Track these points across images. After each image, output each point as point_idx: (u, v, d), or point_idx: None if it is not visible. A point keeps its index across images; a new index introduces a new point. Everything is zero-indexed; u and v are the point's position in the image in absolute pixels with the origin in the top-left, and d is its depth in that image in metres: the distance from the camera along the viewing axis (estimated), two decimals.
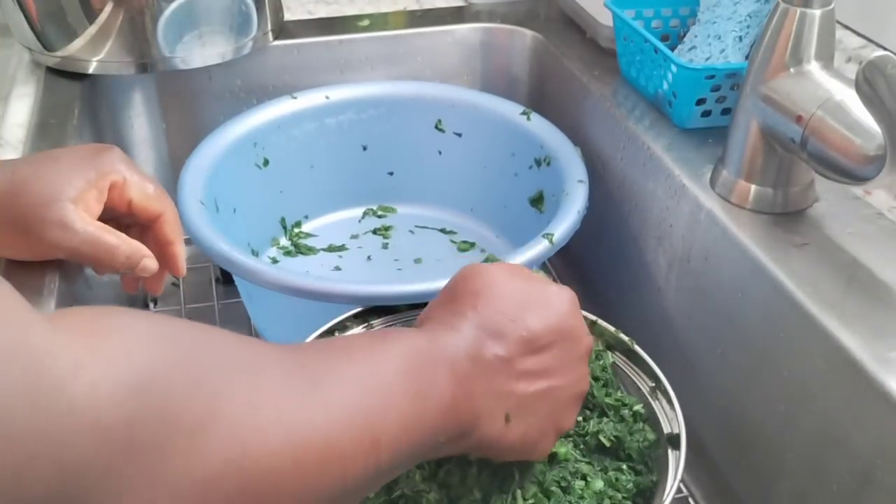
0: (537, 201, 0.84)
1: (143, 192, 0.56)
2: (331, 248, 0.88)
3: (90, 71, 0.82)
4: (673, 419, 0.54)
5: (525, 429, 0.45)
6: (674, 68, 0.71)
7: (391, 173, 0.92)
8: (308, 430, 0.34)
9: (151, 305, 0.87)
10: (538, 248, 0.67)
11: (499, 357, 0.43)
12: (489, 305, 0.44)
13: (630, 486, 0.53)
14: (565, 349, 0.46)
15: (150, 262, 0.56)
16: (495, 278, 0.46)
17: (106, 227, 0.53)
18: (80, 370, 0.28)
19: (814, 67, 0.59)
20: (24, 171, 0.52)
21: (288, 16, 0.95)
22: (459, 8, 1.00)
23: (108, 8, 0.78)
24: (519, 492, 0.50)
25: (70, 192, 0.51)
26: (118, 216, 0.57)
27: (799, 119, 0.58)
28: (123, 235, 0.54)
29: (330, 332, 0.60)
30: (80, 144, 0.59)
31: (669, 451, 0.53)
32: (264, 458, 0.32)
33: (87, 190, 0.52)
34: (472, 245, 0.89)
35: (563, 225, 0.69)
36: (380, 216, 0.93)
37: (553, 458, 0.53)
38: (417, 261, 0.86)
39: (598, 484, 0.52)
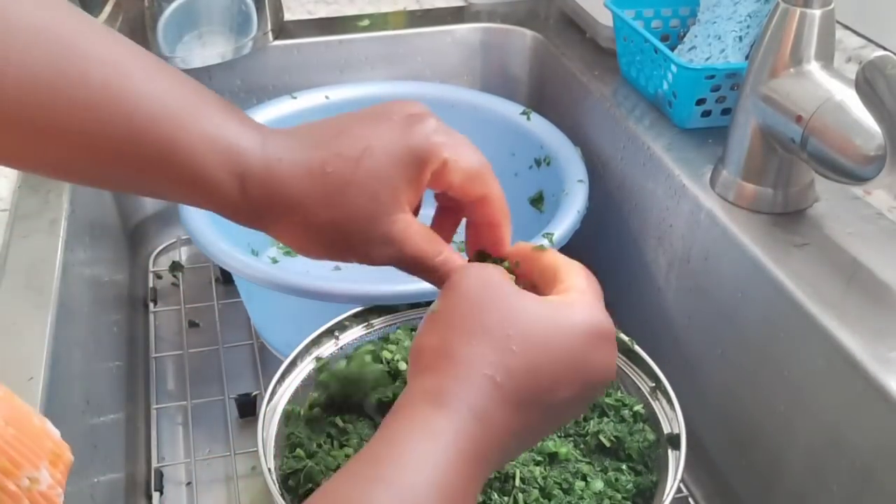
0: (537, 201, 0.84)
1: (466, 174, 0.46)
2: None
3: None
4: (673, 419, 0.54)
5: (524, 448, 0.44)
6: (674, 68, 0.71)
7: None
8: None
9: (151, 305, 0.87)
10: None
11: (516, 433, 0.39)
12: (527, 360, 0.39)
13: (630, 486, 0.53)
14: (582, 401, 0.42)
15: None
16: (538, 323, 0.40)
17: (431, 236, 0.46)
18: None
19: (814, 67, 0.59)
20: (337, 175, 0.43)
21: (288, 16, 0.95)
22: (459, 8, 1.00)
23: (109, 8, 0.78)
24: (521, 495, 0.50)
25: (393, 204, 0.44)
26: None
27: (799, 119, 0.58)
28: (446, 247, 0.47)
29: (330, 332, 0.60)
30: (383, 106, 0.50)
31: (669, 451, 0.53)
32: None
33: (407, 190, 0.45)
34: None
35: (563, 225, 0.69)
36: None
37: (553, 458, 0.53)
38: None
39: (598, 484, 0.52)
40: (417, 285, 0.62)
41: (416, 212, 0.47)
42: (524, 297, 0.41)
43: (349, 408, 0.56)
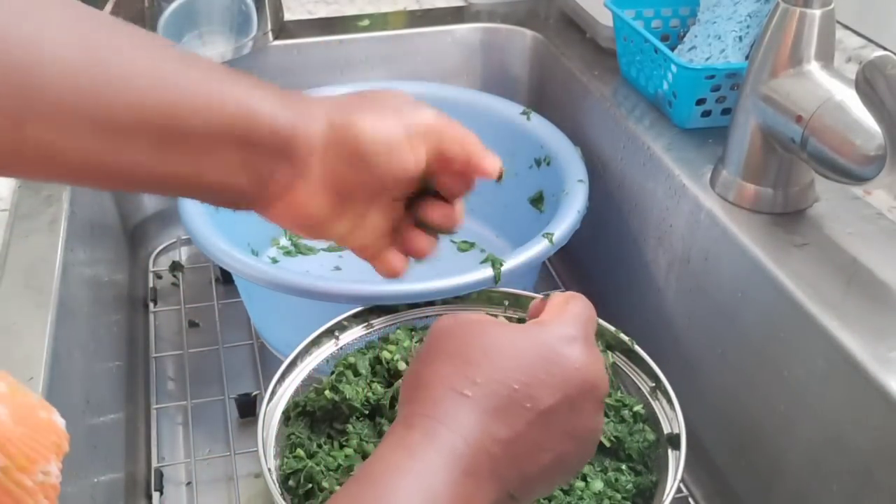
0: (537, 201, 0.84)
1: (457, 143, 0.49)
2: (331, 248, 0.88)
3: None
4: (673, 419, 0.54)
5: (530, 497, 0.42)
6: (674, 68, 0.71)
7: None
8: None
9: (151, 305, 0.87)
10: (538, 247, 0.67)
11: (503, 441, 0.38)
12: (493, 370, 0.39)
13: (630, 486, 0.53)
14: (576, 409, 0.41)
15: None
16: (499, 338, 0.41)
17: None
18: None
19: (814, 67, 0.59)
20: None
21: (288, 16, 0.95)
22: (459, 8, 1.00)
23: (108, 8, 0.78)
24: None
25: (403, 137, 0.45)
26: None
27: (799, 119, 0.58)
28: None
29: (330, 332, 0.60)
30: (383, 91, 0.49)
31: (669, 451, 0.53)
32: None
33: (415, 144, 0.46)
34: (472, 245, 0.89)
35: (563, 224, 0.69)
36: None
37: None
38: (417, 260, 0.86)
39: (598, 485, 0.52)
40: (417, 285, 0.62)
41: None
42: (490, 324, 0.42)
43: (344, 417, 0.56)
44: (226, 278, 0.88)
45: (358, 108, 0.45)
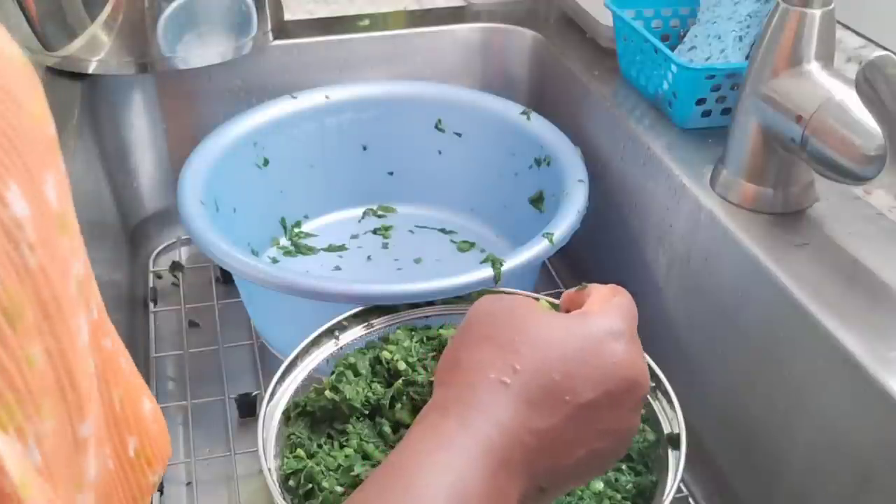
0: (537, 201, 0.84)
1: None
2: (331, 248, 0.88)
3: (90, 71, 0.82)
4: (673, 419, 0.54)
5: (559, 492, 0.41)
6: (674, 68, 0.71)
7: (391, 173, 0.92)
8: None
9: (151, 305, 0.87)
10: (538, 247, 0.67)
11: (539, 432, 0.38)
12: (534, 359, 0.39)
13: (630, 486, 0.53)
14: (616, 406, 0.40)
15: None
16: (543, 326, 0.40)
17: None
18: None
19: (814, 67, 0.59)
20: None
21: (288, 16, 0.95)
22: (459, 8, 1.00)
23: (108, 8, 0.78)
24: None
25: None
26: None
27: (799, 119, 0.58)
28: None
29: (330, 332, 0.60)
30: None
31: (669, 451, 0.53)
32: None
33: None
34: (472, 245, 0.89)
35: (563, 224, 0.69)
36: (380, 216, 0.93)
37: None
38: (417, 261, 0.86)
39: (598, 485, 0.52)
40: (417, 285, 0.62)
41: None
42: (533, 311, 0.41)
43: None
44: (226, 278, 0.88)
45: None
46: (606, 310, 0.42)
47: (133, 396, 0.40)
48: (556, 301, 0.49)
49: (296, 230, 0.89)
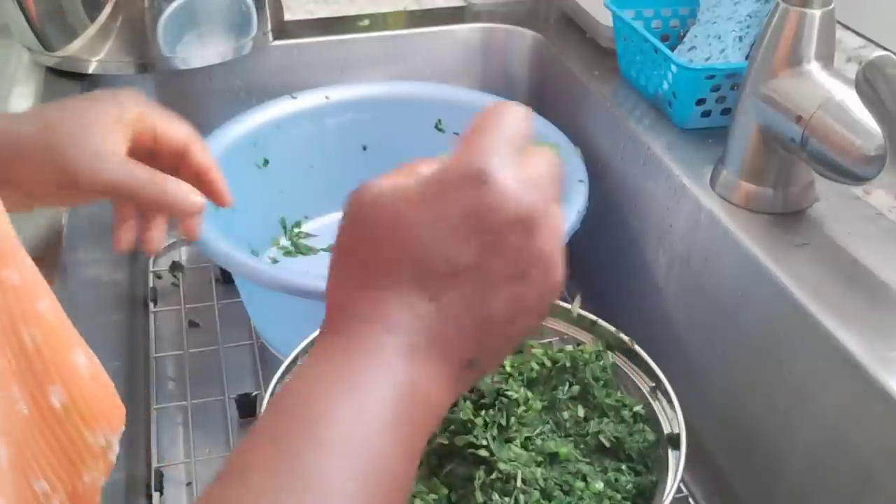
0: None
1: (166, 121, 0.55)
2: (330, 248, 0.88)
3: (90, 71, 0.82)
4: (673, 419, 0.54)
5: (494, 357, 0.39)
6: (674, 68, 0.71)
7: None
8: None
9: (151, 305, 0.87)
10: None
11: (429, 314, 0.35)
12: (398, 252, 0.36)
13: (630, 486, 0.53)
14: (507, 246, 0.36)
15: (197, 197, 0.54)
16: (401, 215, 0.37)
17: (141, 163, 0.53)
18: None
19: (814, 67, 0.59)
20: (52, 113, 0.52)
21: (288, 16, 0.95)
22: (459, 8, 1.00)
23: (108, 8, 0.78)
24: (522, 496, 0.50)
25: (99, 128, 0.52)
26: (147, 151, 0.55)
27: (799, 119, 0.58)
28: (158, 171, 0.53)
29: None
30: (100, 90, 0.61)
31: (669, 451, 0.53)
32: None
33: (115, 123, 0.52)
34: None
35: (563, 224, 0.69)
36: None
37: (554, 459, 0.53)
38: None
39: (598, 485, 0.52)
40: None
41: None
42: (393, 202, 0.38)
43: None
44: (226, 278, 0.88)
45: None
46: (469, 150, 0.38)
47: (56, 345, 0.39)
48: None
49: (296, 230, 0.89)
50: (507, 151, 0.38)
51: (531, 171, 0.38)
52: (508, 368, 0.57)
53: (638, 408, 0.56)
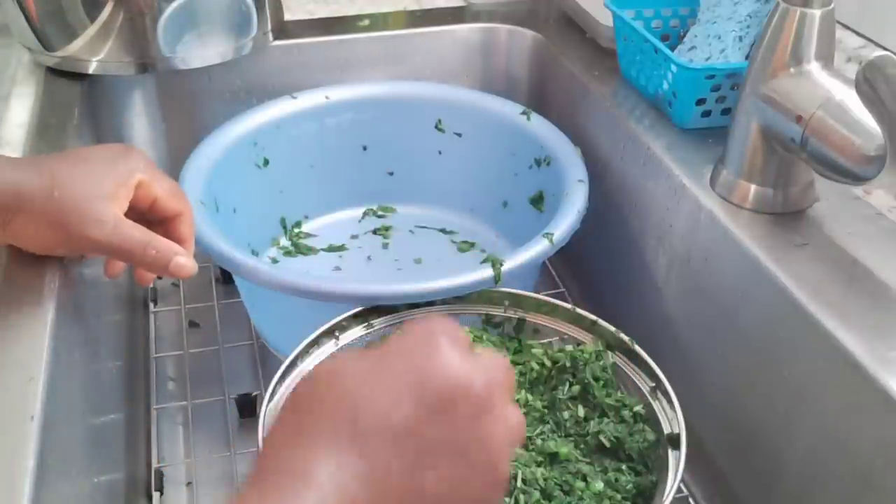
0: (537, 201, 0.84)
1: (166, 190, 0.58)
2: (331, 248, 0.88)
3: (90, 71, 0.82)
4: (673, 419, 0.54)
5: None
6: (674, 68, 0.71)
7: (391, 173, 0.92)
8: None
9: (151, 305, 0.87)
10: (538, 247, 0.67)
11: (361, 475, 0.34)
12: (328, 415, 0.35)
13: (630, 486, 0.53)
14: (442, 420, 0.35)
15: (184, 260, 0.57)
16: (334, 384, 0.36)
17: (137, 224, 0.56)
18: None
19: (814, 67, 0.59)
20: (63, 171, 0.54)
21: (288, 16, 0.95)
22: (459, 8, 1.00)
23: (108, 8, 0.78)
24: (522, 496, 0.50)
25: (104, 190, 0.54)
26: (141, 213, 0.58)
27: (799, 119, 0.58)
28: (153, 233, 0.56)
29: (330, 332, 0.60)
30: (106, 144, 0.64)
31: (669, 451, 0.53)
32: None
33: (118, 188, 0.55)
34: (472, 245, 0.89)
35: (563, 225, 0.69)
36: (380, 216, 0.93)
37: (554, 459, 0.53)
38: (417, 261, 0.86)
39: (599, 485, 0.52)
40: (417, 285, 0.62)
41: None
42: (332, 374, 0.37)
43: None
44: (226, 278, 0.88)
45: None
46: (416, 325, 0.38)
47: None
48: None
49: (296, 230, 0.89)
50: (459, 335, 0.37)
51: (484, 360, 0.37)
52: None
53: (638, 408, 0.56)
